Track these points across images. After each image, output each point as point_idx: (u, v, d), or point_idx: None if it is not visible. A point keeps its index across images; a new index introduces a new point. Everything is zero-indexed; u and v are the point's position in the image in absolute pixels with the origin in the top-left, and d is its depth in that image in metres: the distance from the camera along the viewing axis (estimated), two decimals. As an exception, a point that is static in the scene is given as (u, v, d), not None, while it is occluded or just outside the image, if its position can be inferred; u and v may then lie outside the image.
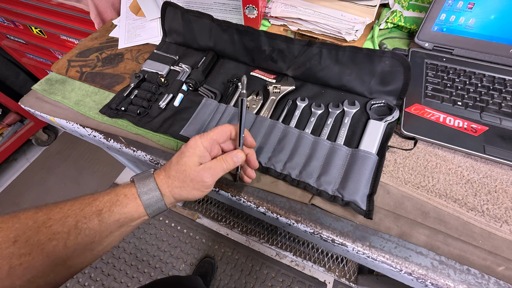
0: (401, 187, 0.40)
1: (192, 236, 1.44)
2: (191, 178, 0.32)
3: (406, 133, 0.44)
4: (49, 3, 0.80)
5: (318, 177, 0.41)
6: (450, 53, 0.54)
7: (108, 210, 0.29)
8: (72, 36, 0.93)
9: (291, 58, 0.49)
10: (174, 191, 0.33)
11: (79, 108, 0.52)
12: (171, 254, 1.40)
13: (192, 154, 0.33)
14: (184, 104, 0.51)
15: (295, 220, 0.38)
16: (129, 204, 0.30)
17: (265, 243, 1.30)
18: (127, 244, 1.43)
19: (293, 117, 0.48)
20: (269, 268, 1.33)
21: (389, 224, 0.37)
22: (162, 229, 1.47)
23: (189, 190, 0.33)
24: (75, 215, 0.28)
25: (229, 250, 1.39)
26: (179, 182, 0.32)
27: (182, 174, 0.32)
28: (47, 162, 1.75)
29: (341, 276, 1.20)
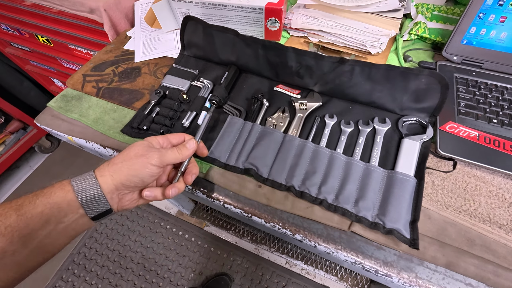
0: (442, 211, 0.39)
1: (201, 245, 1.42)
2: (136, 154, 0.30)
3: (443, 153, 0.43)
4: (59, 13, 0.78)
5: (356, 202, 0.39)
6: (480, 67, 0.52)
7: (29, 202, 0.25)
8: (81, 46, 0.91)
9: (319, 74, 0.48)
10: (113, 168, 0.29)
11: (98, 126, 0.50)
12: (180, 263, 1.38)
13: (142, 141, 0.33)
14: (208, 123, 0.49)
15: (335, 248, 0.37)
16: (54, 193, 0.26)
17: (276, 252, 1.28)
18: (134, 253, 1.41)
19: (322, 135, 0.47)
20: (280, 277, 1.32)
21: (434, 253, 0.35)
22: (169, 237, 1.45)
23: (130, 165, 0.29)
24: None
25: (238, 259, 1.37)
26: (121, 159, 0.30)
27: (126, 152, 0.30)
28: (51, 169, 1.73)
29: (354, 285, 1.19)
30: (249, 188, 0.42)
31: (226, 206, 0.41)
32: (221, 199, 0.42)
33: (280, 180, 0.42)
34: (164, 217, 1.52)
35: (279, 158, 0.44)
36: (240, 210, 0.41)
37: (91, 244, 1.44)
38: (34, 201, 0.26)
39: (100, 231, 1.49)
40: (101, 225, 1.50)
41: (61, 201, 0.26)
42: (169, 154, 0.33)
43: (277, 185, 0.41)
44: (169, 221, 1.50)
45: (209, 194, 0.42)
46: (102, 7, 0.63)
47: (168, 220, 1.50)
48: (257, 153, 0.44)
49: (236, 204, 0.41)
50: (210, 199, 0.42)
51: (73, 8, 0.69)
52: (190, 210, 1.40)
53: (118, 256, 1.41)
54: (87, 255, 1.42)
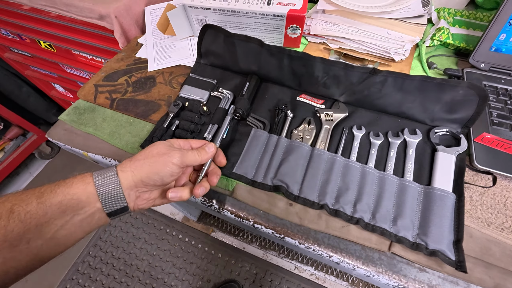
0: (483, 229, 0.37)
1: (208, 251, 1.40)
2: (158, 152, 0.31)
3: (481, 167, 0.41)
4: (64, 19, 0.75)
5: (394, 220, 0.37)
6: (509, 74, 0.51)
7: (50, 191, 0.25)
8: (86, 52, 0.88)
9: (347, 84, 0.46)
10: (134, 164, 0.30)
11: (114, 141, 0.48)
12: (187, 270, 1.35)
13: (164, 141, 0.33)
14: (231, 136, 0.47)
15: (376, 271, 0.35)
16: (75, 184, 0.26)
17: (285, 257, 1.27)
18: (141, 261, 1.38)
19: (352, 148, 0.45)
20: (289, 283, 1.30)
21: (480, 275, 0.34)
22: (176, 244, 1.43)
23: (151, 162, 0.30)
24: (13, 199, 0.24)
25: (247, 265, 1.35)
26: (143, 156, 0.31)
27: (149, 149, 0.31)
28: (52, 176, 1.69)
29: (365, 290, 1.17)
30: (280, 206, 0.40)
31: (256, 226, 0.39)
32: (251, 219, 0.40)
33: (313, 198, 0.40)
34: (170, 223, 1.49)
35: (309, 174, 0.42)
36: (272, 231, 0.39)
37: (96, 252, 1.41)
38: (55, 190, 0.26)
39: (105, 239, 1.46)
40: (105, 233, 1.47)
41: (80, 193, 0.27)
42: (189, 154, 0.33)
43: (310, 203, 0.39)
44: (175, 228, 1.48)
45: (237, 213, 0.40)
46: (112, 14, 0.61)
47: (174, 227, 1.48)
48: (285, 169, 0.42)
49: (267, 224, 0.39)
50: (238, 219, 0.40)
51: (80, 15, 0.66)
52: (197, 216, 1.37)
53: (123, 264, 1.38)
54: (92, 264, 1.39)
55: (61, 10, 0.68)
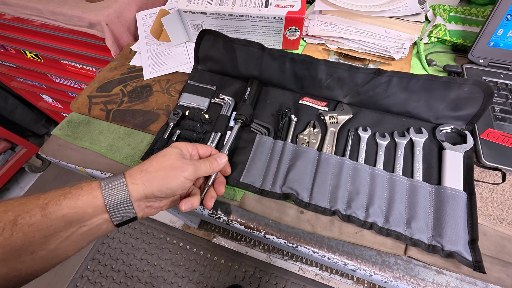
0: (496, 226, 0.37)
1: (210, 258, 1.38)
2: (170, 164, 0.30)
3: (489, 164, 0.41)
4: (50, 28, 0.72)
5: (408, 223, 0.37)
6: (507, 68, 0.51)
7: (55, 203, 0.24)
8: (75, 61, 0.85)
9: (351, 86, 0.45)
10: (146, 177, 0.29)
11: (113, 155, 0.46)
12: (190, 279, 1.33)
13: (174, 148, 0.32)
14: (235, 143, 0.46)
15: (393, 277, 0.34)
16: (82, 197, 0.25)
17: (289, 259, 1.26)
18: (141, 273, 1.35)
19: (359, 151, 0.44)
20: (294, 285, 1.29)
21: (498, 274, 0.33)
22: (177, 252, 1.40)
23: (163, 176, 0.29)
24: (16, 210, 0.23)
25: (250, 270, 1.34)
26: (155, 168, 0.30)
27: (160, 160, 0.30)
28: (43, 189, 1.62)
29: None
30: (290, 215, 0.39)
31: (267, 237, 0.38)
32: (262, 229, 0.38)
33: (324, 204, 0.39)
34: (169, 231, 1.46)
35: (318, 179, 0.41)
36: (284, 241, 0.37)
37: (94, 266, 1.37)
38: (60, 202, 0.25)
39: (103, 251, 1.41)
40: (103, 246, 1.43)
41: (87, 206, 0.26)
42: (202, 167, 0.33)
43: (321, 209, 0.38)
44: (176, 236, 1.45)
45: (247, 224, 0.39)
46: (103, 21, 0.58)
47: (174, 235, 1.45)
48: (294, 175, 0.41)
49: (279, 234, 0.38)
50: (248, 230, 0.39)
51: (69, 23, 0.63)
52: (197, 223, 1.35)
53: (124, 277, 1.34)
54: (91, 279, 1.34)
55: (48, 19, 0.65)
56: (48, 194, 0.26)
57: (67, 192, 0.25)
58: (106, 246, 1.43)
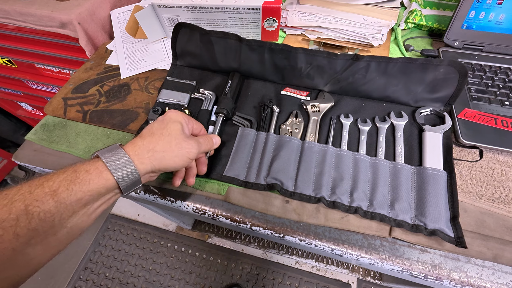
0: (476, 202, 0.38)
1: (206, 258, 1.37)
2: (177, 144, 0.32)
3: (467, 142, 0.42)
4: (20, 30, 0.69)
5: (391, 205, 0.37)
6: (481, 50, 0.53)
7: (66, 189, 0.25)
8: (51, 64, 0.82)
9: (331, 73, 0.45)
10: (154, 156, 0.30)
11: (91, 156, 0.44)
12: (187, 281, 1.31)
13: (175, 122, 0.33)
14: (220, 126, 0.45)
15: (379, 259, 0.34)
16: (93, 181, 0.27)
17: (285, 254, 1.26)
18: (137, 278, 1.32)
19: (342, 137, 0.44)
20: (292, 278, 1.30)
21: (479, 248, 0.34)
22: (172, 256, 1.38)
23: (171, 157, 0.31)
24: (24, 199, 0.24)
25: (247, 267, 1.34)
26: (162, 147, 0.31)
27: (167, 139, 0.31)
28: (29, 201, 1.57)
29: (366, 275, 1.20)
30: (276, 205, 0.39)
31: (254, 228, 0.38)
32: (248, 221, 0.38)
33: (309, 192, 0.39)
34: (163, 235, 1.44)
35: (302, 168, 0.41)
36: (271, 231, 0.37)
37: (87, 275, 1.34)
38: (71, 188, 0.25)
39: (95, 260, 1.38)
40: (95, 254, 1.39)
41: (101, 188, 0.27)
42: (203, 147, 0.35)
43: (306, 198, 0.38)
44: (169, 239, 1.43)
45: (232, 218, 0.38)
46: (75, 20, 0.56)
47: (168, 238, 1.43)
48: (278, 165, 0.41)
49: (265, 225, 0.37)
50: (235, 223, 0.38)
51: (39, 24, 0.60)
52: (191, 224, 1.33)
53: (119, 284, 1.31)
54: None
55: (16, 20, 0.62)
56: (50, 179, 0.26)
57: (74, 178, 0.26)
58: (98, 254, 1.40)
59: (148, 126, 0.33)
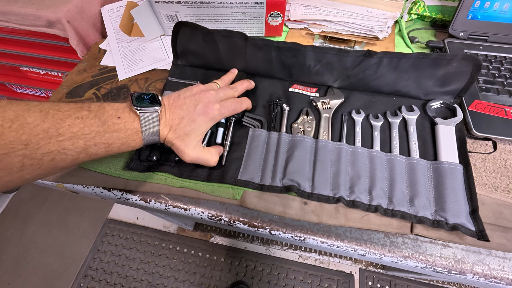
0: (492, 194, 0.38)
1: (210, 258, 1.36)
2: (184, 148, 0.35)
3: (479, 134, 0.42)
4: (1, 30, 0.64)
5: (411, 201, 0.37)
6: (485, 40, 0.53)
7: (117, 147, 0.31)
8: (37, 66, 0.77)
9: (341, 70, 0.44)
10: (167, 141, 0.35)
11: (93, 166, 0.42)
12: (191, 282, 1.31)
13: (202, 129, 0.36)
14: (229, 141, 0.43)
15: (402, 256, 0.34)
16: (136, 146, 0.33)
17: (288, 249, 1.27)
18: (140, 283, 1.30)
19: (355, 134, 0.44)
20: (296, 272, 1.31)
21: (499, 240, 0.34)
22: (175, 257, 1.36)
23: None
24: (86, 140, 0.29)
25: (251, 264, 1.34)
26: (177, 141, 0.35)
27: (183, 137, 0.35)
28: (20, 210, 1.51)
29: (369, 265, 1.22)
30: (294, 207, 0.38)
31: (273, 233, 0.37)
32: (266, 226, 0.37)
33: (327, 193, 0.38)
34: (164, 237, 1.42)
35: (319, 167, 0.40)
36: (291, 235, 0.36)
37: (88, 283, 1.31)
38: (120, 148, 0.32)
39: (95, 267, 1.35)
40: (95, 261, 1.36)
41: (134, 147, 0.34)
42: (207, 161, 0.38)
43: (325, 198, 0.37)
44: (171, 240, 1.41)
45: (250, 223, 0.37)
46: (64, 19, 0.52)
47: (169, 240, 1.41)
48: (293, 166, 0.39)
49: (285, 229, 0.36)
50: (253, 229, 0.37)
51: (23, 23, 0.56)
52: (192, 225, 1.32)
53: (121, 290, 1.29)
54: (86, 297, 1.28)
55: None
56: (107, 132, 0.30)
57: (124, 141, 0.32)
58: (98, 260, 1.36)
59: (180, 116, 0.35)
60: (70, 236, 1.43)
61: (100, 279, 1.31)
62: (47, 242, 1.41)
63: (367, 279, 1.29)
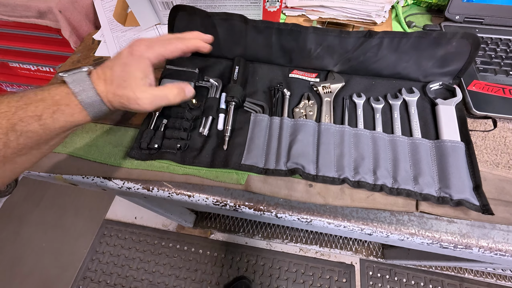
0: (494, 171, 0.38)
1: (210, 255, 1.35)
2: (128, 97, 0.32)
3: (479, 113, 0.42)
4: (-11, 24, 0.61)
5: (415, 180, 0.37)
6: (481, 22, 0.53)
7: (51, 117, 0.29)
8: (27, 62, 0.75)
9: (342, 53, 0.44)
10: (113, 102, 0.32)
11: (93, 155, 0.41)
12: (193, 279, 1.30)
13: (137, 68, 0.33)
14: (231, 126, 0.43)
15: (409, 234, 0.34)
16: (75, 114, 0.30)
17: (289, 242, 1.27)
18: (140, 282, 1.29)
19: (357, 117, 0.44)
20: (298, 265, 1.32)
21: (503, 214, 0.35)
22: (175, 256, 1.35)
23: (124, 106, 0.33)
24: (7, 117, 0.26)
25: (252, 259, 1.34)
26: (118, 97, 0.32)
27: (121, 90, 0.32)
28: (14, 212, 1.47)
29: (368, 255, 1.24)
30: (300, 190, 0.37)
31: (279, 216, 0.36)
32: (272, 209, 0.36)
33: (332, 174, 0.38)
34: (163, 236, 1.40)
35: (322, 150, 0.39)
36: (297, 217, 0.36)
37: (87, 285, 1.28)
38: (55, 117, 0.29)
39: (94, 268, 1.33)
40: (93, 262, 1.34)
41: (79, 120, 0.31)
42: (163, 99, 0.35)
43: (330, 180, 0.37)
44: (171, 239, 1.40)
45: (256, 207, 0.37)
46: (55, 8, 0.50)
47: (169, 238, 1.40)
48: (297, 150, 0.39)
49: (291, 212, 0.36)
50: (258, 213, 0.37)
51: (13, 15, 0.54)
52: (192, 221, 1.31)
53: (122, 290, 1.27)
54: (85, 299, 1.26)
55: (-15, 12, 0.55)
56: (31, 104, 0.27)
57: (56, 109, 0.29)
58: (97, 262, 1.34)
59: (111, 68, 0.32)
60: (66, 237, 1.40)
61: (100, 281, 1.29)
62: (43, 244, 1.38)
63: (368, 269, 1.30)
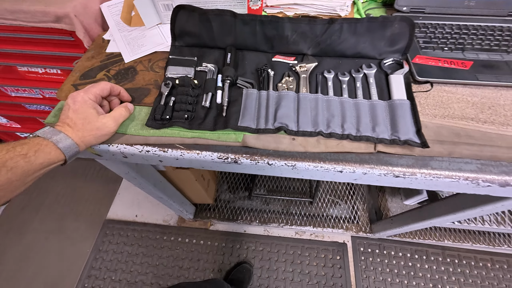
0: (433, 120, 0.50)
1: (211, 245, 1.42)
2: (98, 127, 0.43)
3: (420, 79, 0.54)
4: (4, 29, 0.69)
5: (373, 129, 0.48)
6: (423, 12, 0.66)
7: (34, 155, 0.36)
8: (37, 64, 0.82)
9: (312, 38, 0.55)
10: (86, 140, 0.42)
11: (115, 129, 0.49)
12: (196, 268, 1.36)
13: (88, 108, 0.42)
14: (228, 98, 0.53)
15: (370, 168, 0.45)
16: (52, 152, 0.38)
17: (285, 226, 1.36)
18: (145, 276, 1.33)
19: (328, 88, 0.55)
20: (294, 248, 1.40)
21: (438, 149, 0.46)
22: (177, 248, 1.41)
23: (98, 137, 0.44)
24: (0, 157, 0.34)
25: (252, 245, 1.41)
26: (88, 132, 0.42)
27: (88, 126, 0.42)
28: (14, 220, 1.49)
29: (358, 231, 1.34)
30: (285, 142, 0.47)
31: (271, 163, 0.46)
32: (265, 158, 0.46)
33: (309, 129, 0.48)
34: (165, 230, 1.46)
35: (301, 113, 0.50)
36: (284, 162, 0.46)
37: (92, 283, 1.32)
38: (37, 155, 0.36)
39: (98, 266, 1.37)
40: (97, 260, 1.38)
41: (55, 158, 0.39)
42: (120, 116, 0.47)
43: (308, 133, 0.48)
44: (172, 233, 1.46)
45: (252, 158, 0.46)
46: (71, 13, 0.59)
47: (170, 232, 1.46)
48: (281, 113, 0.49)
49: (279, 159, 0.46)
50: (254, 162, 0.46)
51: (32, 21, 0.62)
52: (192, 213, 1.38)
53: (127, 284, 1.32)
54: (92, 296, 1.29)
55: (6, 19, 0.63)
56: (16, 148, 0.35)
57: (37, 149, 0.37)
58: (101, 260, 1.38)
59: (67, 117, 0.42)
60: (69, 240, 1.43)
61: (105, 277, 1.33)
62: (45, 248, 1.40)
63: (359, 245, 1.41)
